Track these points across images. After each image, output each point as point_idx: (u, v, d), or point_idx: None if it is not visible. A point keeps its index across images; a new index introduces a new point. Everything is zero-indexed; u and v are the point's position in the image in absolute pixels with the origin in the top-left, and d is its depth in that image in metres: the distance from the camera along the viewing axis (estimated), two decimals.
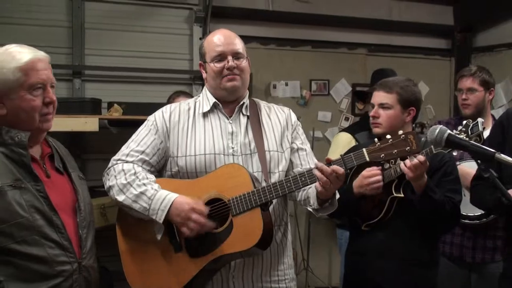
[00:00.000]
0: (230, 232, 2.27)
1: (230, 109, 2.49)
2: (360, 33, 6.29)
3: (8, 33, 4.69)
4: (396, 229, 2.78)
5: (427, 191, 2.63)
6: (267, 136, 2.48)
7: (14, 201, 1.94)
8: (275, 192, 2.28)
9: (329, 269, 6.12)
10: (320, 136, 6.09)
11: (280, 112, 2.60)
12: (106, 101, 4.70)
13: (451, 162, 2.85)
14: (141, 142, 2.43)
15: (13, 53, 2.02)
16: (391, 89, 2.84)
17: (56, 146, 2.29)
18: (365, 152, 2.24)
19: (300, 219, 5.95)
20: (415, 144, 2.21)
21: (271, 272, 2.47)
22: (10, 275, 1.93)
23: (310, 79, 6.15)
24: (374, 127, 2.89)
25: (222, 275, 2.38)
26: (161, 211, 2.25)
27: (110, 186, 2.38)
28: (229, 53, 2.41)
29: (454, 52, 6.65)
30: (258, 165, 2.41)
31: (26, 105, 2.02)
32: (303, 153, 2.57)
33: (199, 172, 2.38)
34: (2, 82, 1.99)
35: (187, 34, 5.48)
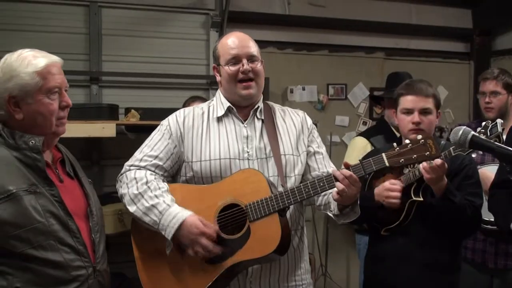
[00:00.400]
0: (247, 238, 2.25)
1: (244, 113, 2.47)
2: (378, 36, 6.25)
3: (27, 40, 4.71)
4: (416, 234, 2.74)
5: (447, 194, 2.59)
6: (282, 140, 2.46)
7: (30, 206, 1.94)
8: (293, 198, 2.26)
9: (348, 274, 6.07)
10: (338, 140, 6.05)
11: (295, 115, 2.58)
12: (123, 106, 4.71)
13: (471, 165, 2.79)
14: (155, 147, 2.42)
15: (28, 57, 2.03)
16: (428, 93, 2.77)
17: (65, 151, 2.29)
18: (384, 157, 2.22)
19: (318, 224, 5.91)
20: (434, 149, 2.19)
21: (288, 277, 2.45)
22: (27, 281, 1.94)
23: (327, 84, 6.12)
24: (414, 133, 2.69)
25: (239, 281, 2.36)
26: (171, 228, 2.22)
27: (122, 194, 2.37)
28: (243, 56, 2.39)
29: (473, 56, 6.59)
30: (274, 169, 2.39)
31: (44, 109, 2.03)
32: (320, 156, 2.56)
33: (214, 177, 2.36)
34: (20, 86, 1.99)
35: (203, 39, 5.48)
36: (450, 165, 2.63)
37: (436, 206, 2.63)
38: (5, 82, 2.00)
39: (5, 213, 1.91)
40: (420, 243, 2.74)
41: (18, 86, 1.99)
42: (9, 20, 4.81)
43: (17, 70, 2.00)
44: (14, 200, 1.92)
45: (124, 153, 4.57)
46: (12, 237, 1.92)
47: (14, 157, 1.99)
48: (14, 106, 2.01)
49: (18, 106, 2.02)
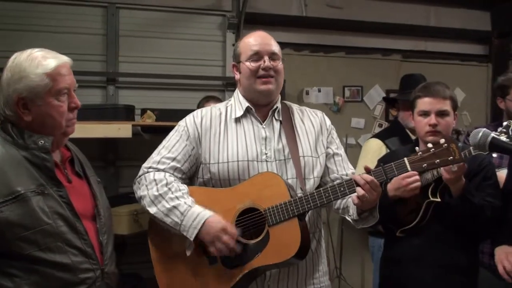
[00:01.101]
0: (266, 243, 2.23)
1: (263, 114, 2.45)
2: (395, 39, 6.22)
3: (44, 41, 4.74)
4: (432, 235, 2.71)
5: (465, 194, 2.56)
6: (301, 141, 2.43)
7: (38, 208, 1.92)
8: (313, 203, 2.23)
9: (362, 277, 6.04)
10: (353, 143, 6.03)
11: (313, 115, 2.57)
12: (139, 107, 4.74)
13: (490, 166, 2.77)
14: (172, 149, 2.40)
15: (38, 58, 2.00)
16: (446, 95, 2.75)
17: (74, 150, 2.27)
18: (406, 162, 2.20)
19: (332, 227, 5.89)
20: (458, 154, 2.17)
21: (306, 281, 2.43)
22: (35, 284, 1.91)
23: (343, 85, 6.09)
24: (431, 135, 2.72)
25: (257, 285, 2.34)
26: (193, 228, 2.21)
27: (141, 196, 2.35)
28: (265, 53, 2.38)
29: (492, 58, 6.52)
30: (292, 171, 2.37)
31: (54, 111, 2.01)
32: (339, 158, 2.53)
33: (232, 179, 2.34)
34: (30, 88, 1.97)
35: (220, 41, 5.48)
36: (469, 165, 2.61)
37: (454, 206, 2.60)
38: (15, 83, 1.97)
39: (12, 215, 1.88)
40: (436, 244, 2.71)
41: (27, 87, 1.97)
42: (27, 21, 4.85)
43: (26, 71, 1.97)
44: (22, 201, 1.90)
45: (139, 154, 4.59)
46: (19, 239, 1.89)
47: (23, 156, 1.97)
48: (23, 108, 1.99)
49: (27, 108, 1.99)
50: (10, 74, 1.98)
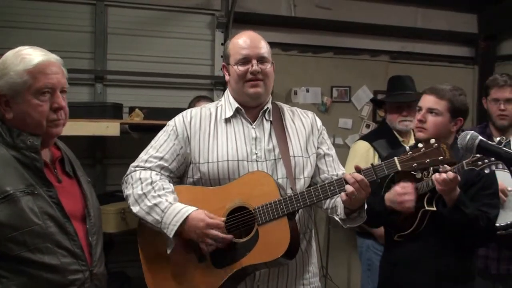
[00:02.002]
0: (255, 242, 2.22)
1: (253, 114, 2.45)
2: (383, 40, 6.25)
3: (32, 38, 4.70)
4: (428, 242, 2.73)
5: (458, 205, 2.58)
6: (291, 141, 2.43)
7: (27, 208, 1.89)
8: (303, 201, 2.23)
9: (349, 277, 6.06)
10: (341, 143, 6.05)
11: (304, 116, 2.57)
12: (127, 106, 4.73)
13: (490, 175, 2.74)
14: (160, 148, 2.40)
15: (23, 55, 1.97)
16: (444, 95, 2.77)
17: (64, 149, 2.24)
18: (396, 161, 2.20)
19: (319, 226, 5.90)
20: (448, 154, 2.17)
21: (296, 281, 2.43)
22: (22, 285, 1.89)
23: (331, 86, 6.11)
24: (418, 131, 2.81)
25: (246, 285, 2.34)
26: (172, 225, 2.20)
27: (127, 195, 2.36)
28: (254, 56, 2.37)
29: (478, 61, 6.58)
30: (283, 171, 2.36)
31: (32, 110, 1.97)
32: (330, 159, 2.53)
33: (222, 179, 2.34)
34: (9, 85, 1.94)
35: (209, 40, 5.48)
36: (467, 174, 2.63)
37: (447, 216, 2.62)
38: None
39: (1, 215, 1.86)
40: (432, 251, 2.74)
41: (7, 84, 1.94)
42: (15, 18, 4.82)
43: (8, 68, 1.95)
44: (11, 201, 1.88)
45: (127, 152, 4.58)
46: (8, 239, 1.87)
47: (12, 156, 1.94)
48: (5, 105, 1.96)
49: (8, 105, 1.97)
50: None
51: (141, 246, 2.43)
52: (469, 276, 2.81)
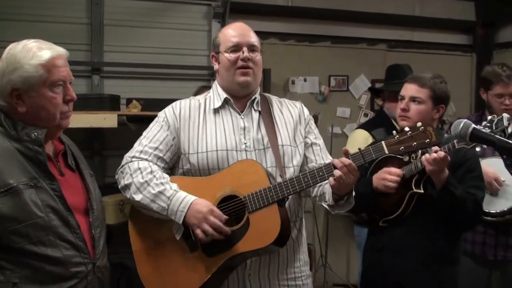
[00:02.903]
0: (246, 230, 2.23)
1: (241, 104, 2.46)
2: (380, 28, 6.25)
3: (29, 30, 4.70)
4: (415, 225, 2.74)
5: (447, 186, 2.60)
6: (280, 131, 2.45)
7: (30, 201, 1.90)
8: (292, 188, 2.24)
9: (348, 266, 6.09)
10: (339, 132, 6.06)
11: (292, 106, 2.58)
12: (124, 97, 4.72)
13: (474, 158, 2.81)
14: (154, 139, 2.41)
15: (33, 49, 1.97)
16: (425, 84, 2.80)
17: (68, 142, 2.24)
18: (384, 145, 2.21)
19: (318, 216, 5.92)
20: (434, 136, 2.18)
21: (287, 270, 2.44)
22: (26, 277, 1.90)
23: (329, 75, 6.12)
24: (401, 119, 2.84)
25: (238, 274, 2.36)
26: (180, 212, 2.22)
27: (126, 184, 2.35)
28: (244, 44, 2.39)
29: (476, 48, 6.58)
30: (272, 160, 2.38)
31: (48, 103, 1.98)
32: (317, 148, 2.55)
33: (211, 169, 2.35)
34: (24, 79, 1.94)
35: (205, 30, 5.47)
36: (453, 157, 2.65)
37: (437, 197, 2.64)
38: (9, 74, 1.94)
39: (4, 207, 1.86)
40: (419, 234, 2.75)
41: (21, 78, 1.93)
42: (11, 10, 4.80)
43: (21, 62, 1.94)
44: (14, 194, 1.88)
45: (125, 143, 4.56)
46: (11, 232, 1.87)
47: (16, 148, 1.95)
48: (17, 99, 1.96)
49: (21, 99, 1.96)
50: (5, 65, 1.95)
51: (133, 238, 2.44)
52: (455, 258, 2.84)
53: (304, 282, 2.50)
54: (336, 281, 5.97)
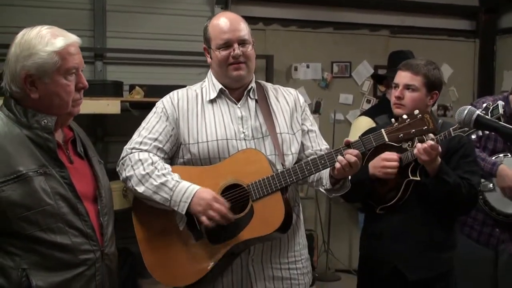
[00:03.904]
0: (251, 218, 2.26)
1: (237, 94, 2.47)
2: (383, 14, 6.23)
3: (31, 16, 4.71)
4: (411, 212, 2.77)
5: (440, 174, 2.62)
6: (277, 119, 2.47)
7: (40, 188, 1.91)
8: (295, 176, 2.27)
9: (350, 251, 6.12)
10: (342, 118, 6.06)
11: (288, 94, 2.59)
12: (127, 83, 4.72)
13: (469, 144, 2.82)
14: (153, 130, 2.41)
15: (48, 35, 1.96)
16: (418, 71, 2.79)
17: (77, 130, 2.24)
18: (383, 132, 2.25)
19: (320, 202, 5.95)
20: (432, 123, 2.23)
21: (288, 254, 2.49)
22: (34, 263, 1.91)
23: (331, 61, 6.11)
24: (396, 107, 2.83)
25: (242, 260, 2.39)
26: (184, 202, 2.24)
27: (128, 176, 2.36)
28: (235, 40, 2.38)
29: (479, 34, 6.56)
30: (271, 148, 2.40)
31: (61, 90, 1.98)
32: (313, 134, 2.57)
33: (212, 158, 2.37)
34: (38, 65, 1.93)
35: (208, 16, 5.41)
36: (448, 143, 2.69)
37: (430, 186, 2.67)
38: (23, 59, 1.93)
39: (14, 194, 1.87)
40: (415, 221, 2.77)
41: (36, 65, 1.93)
42: None
43: (36, 48, 1.93)
44: (23, 181, 1.89)
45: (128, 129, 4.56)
46: (20, 218, 1.88)
47: (26, 136, 1.95)
48: (30, 85, 1.95)
49: (34, 85, 1.95)
50: (19, 51, 1.95)
51: (137, 225, 2.45)
52: (451, 244, 2.86)
53: (304, 264, 2.56)
54: (338, 266, 6.01)
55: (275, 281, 2.45)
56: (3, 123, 1.96)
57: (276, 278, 2.45)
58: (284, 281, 2.47)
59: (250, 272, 2.40)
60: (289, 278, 2.48)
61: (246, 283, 2.40)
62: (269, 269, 2.43)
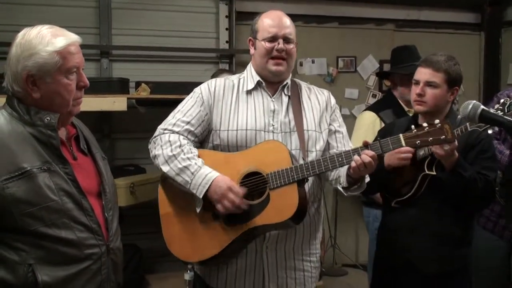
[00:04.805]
0: (266, 205, 2.37)
1: (273, 88, 2.58)
2: (388, 8, 6.21)
3: (36, 14, 4.75)
4: (427, 206, 2.78)
5: (456, 169, 2.62)
6: (306, 116, 2.57)
7: (44, 184, 1.93)
8: (312, 170, 2.37)
9: (356, 246, 6.13)
10: (348, 113, 6.06)
11: (320, 93, 2.70)
12: (133, 80, 4.74)
13: (487, 139, 2.80)
14: (187, 113, 2.53)
15: (48, 35, 1.99)
16: (439, 67, 2.78)
17: (80, 126, 2.27)
18: (401, 138, 2.33)
19: (327, 197, 5.95)
20: (450, 134, 2.29)
21: (303, 246, 2.57)
22: (40, 258, 1.93)
23: (337, 56, 6.11)
24: (417, 104, 2.82)
25: (256, 246, 2.48)
26: (202, 187, 2.35)
27: (156, 155, 2.48)
28: (281, 36, 2.51)
29: (484, 27, 6.53)
30: (296, 143, 2.50)
31: (63, 89, 2.00)
32: (340, 135, 2.66)
33: (239, 146, 2.48)
34: (39, 65, 1.95)
35: (213, 12, 5.47)
36: (466, 138, 2.69)
37: (447, 181, 2.67)
38: (24, 60, 1.95)
39: (19, 191, 1.90)
40: (431, 215, 2.78)
41: (37, 64, 1.95)
42: None
43: (36, 48, 1.95)
44: (28, 177, 1.91)
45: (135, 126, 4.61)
46: (25, 214, 1.91)
47: (29, 133, 1.97)
48: (32, 85, 1.97)
49: (35, 85, 1.98)
50: (20, 51, 1.97)
51: (161, 202, 2.57)
52: (467, 239, 2.87)
53: (317, 258, 2.66)
54: (345, 261, 6.02)
55: (287, 270, 2.54)
56: (7, 121, 1.99)
57: (289, 267, 2.54)
58: (297, 271, 2.57)
59: (263, 258, 2.49)
60: (302, 269, 2.58)
61: (259, 269, 2.50)
62: (283, 258, 2.52)
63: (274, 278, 2.51)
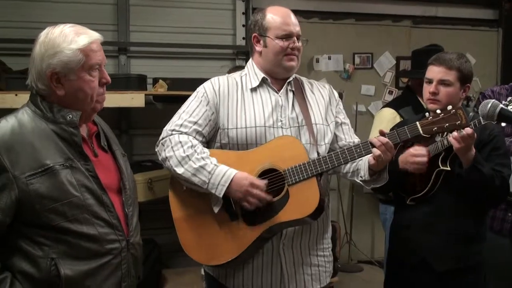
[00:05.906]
0: (286, 201, 2.35)
1: (278, 85, 2.57)
2: (405, 5, 6.18)
3: (56, 11, 4.79)
4: (441, 203, 2.78)
5: (475, 164, 2.61)
6: (312, 110, 2.56)
7: (66, 181, 1.97)
8: (331, 163, 2.37)
9: (372, 242, 6.13)
10: (364, 110, 6.05)
11: (322, 87, 2.69)
12: (151, 77, 4.77)
13: (500, 136, 2.81)
14: (193, 113, 2.48)
15: (71, 34, 2.03)
16: (452, 65, 2.79)
17: (101, 124, 2.31)
18: (418, 125, 2.33)
19: (343, 193, 5.96)
20: (464, 119, 2.30)
21: (317, 241, 2.58)
22: (62, 253, 1.97)
23: (353, 53, 6.10)
24: (430, 103, 2.82)
25: (273, 244, 2.47)
26: (221, 186, 2.32)
27: (167, 157, 2.42)
28: (295, 34, 2.52)
29: (502, 23, 6.48)
30: (307, 137, 2.49)
31: (86, 86, 2.04)
32: (346, 127, 2.68)
33: (249, 144, 2.45)
34: (63, 63, 1.99)
35: (230, 9, 5.49)
36: (479, 135, 2.68)
37: (464, 176, 2.66)
38: (49, 58, 2.00)
39: (42, 187, 1.94)
40: (445, 212, 2.78)
41: (61, 62, 1.99)
42: None
43: (60, 46, 2.00)
44: (51, 174, 1.96)
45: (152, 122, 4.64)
46: (48, 210, 1.95)
47: (52, 130, 2.01)
48: (56, 82, 2.01)
49: (60, 82, 2.02)
50: (44, 49, 2.01)
51: (174, 207, 2.53)
52: (480, 236, 2.86)
53: (330, 253, 2.66)
54: (361, 257, 6.03)
55: (304, 266, 2.54)
56: (30, 118, 2.03)
57: (305, 263, 2.54)
58: (313, 267, 2.57)
59: (281, 255, 2.48)
60: (317, 265, 2.58)
61: (276, 266, 2.49)
62: (299, 254, 2.51)
63: (292, 275, 2.50)
